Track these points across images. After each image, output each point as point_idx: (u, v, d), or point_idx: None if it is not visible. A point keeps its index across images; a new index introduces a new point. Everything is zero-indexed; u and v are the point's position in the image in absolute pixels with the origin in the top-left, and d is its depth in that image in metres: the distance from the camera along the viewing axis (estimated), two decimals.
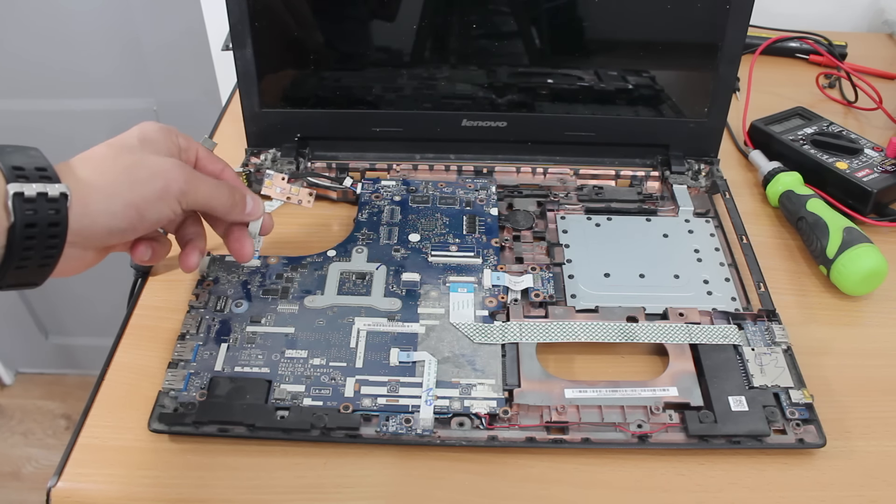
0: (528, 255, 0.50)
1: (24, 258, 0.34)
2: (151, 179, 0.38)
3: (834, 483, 0.39)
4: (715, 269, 0.50)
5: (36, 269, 0.35)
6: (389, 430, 0.39)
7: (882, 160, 0.57)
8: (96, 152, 0.39)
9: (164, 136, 0.41)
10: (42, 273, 0.35)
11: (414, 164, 0.57)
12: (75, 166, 0.37)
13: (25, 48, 1.01)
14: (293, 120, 0.57)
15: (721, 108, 0.56)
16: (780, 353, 0.43)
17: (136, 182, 0.38)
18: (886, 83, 0.75)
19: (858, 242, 0.49)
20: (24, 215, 0.33)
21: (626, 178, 0.57)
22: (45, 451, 1.34)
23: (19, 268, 0.34)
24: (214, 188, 0.42)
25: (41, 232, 0.34)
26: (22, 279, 0.35)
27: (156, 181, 0.38)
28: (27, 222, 0.33)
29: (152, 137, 0.40)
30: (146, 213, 0.38)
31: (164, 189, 0.39)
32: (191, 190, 0.40)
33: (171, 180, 0.39)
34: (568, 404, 0.41)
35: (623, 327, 0.45)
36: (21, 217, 0.33)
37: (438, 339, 0.44)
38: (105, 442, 0.40)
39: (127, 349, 0.45)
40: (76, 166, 0.37)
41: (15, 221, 0.33)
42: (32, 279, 0.36)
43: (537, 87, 0.56)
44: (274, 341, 0.43)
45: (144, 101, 1.06)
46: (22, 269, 0.34)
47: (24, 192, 0.33)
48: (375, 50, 0.55)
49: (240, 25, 0.52)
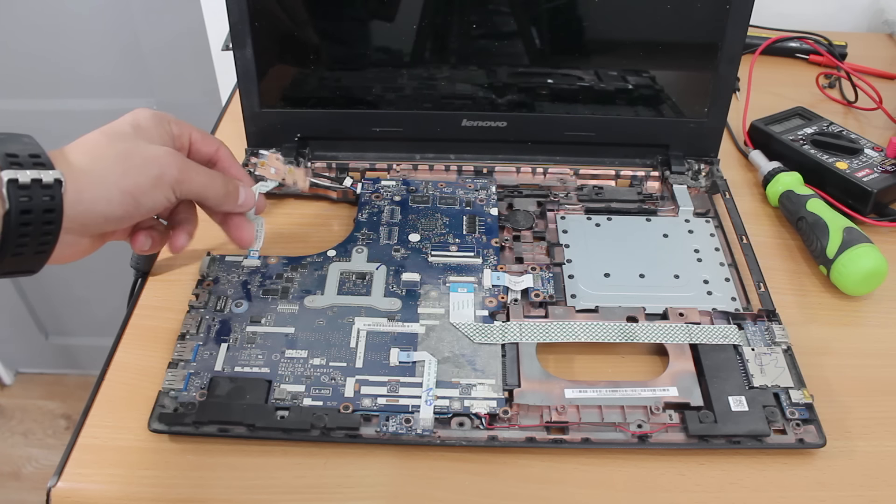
0: (528, 255, 0.50)
1: (20, 245, 0.34)
2: (145, 166, 0.38)
3: (834, 483, 0.39)
4: (715, 269, 0.50)
5: (32, 255, 0.35)
6: (389, 430, 0.39)
7: (882, 160, 0.57)
8: (89, 139, 0.39)
9: (156, 124, 0.41)
10: (39, 260, 0.36)
11: (414, 164, 0.57)
12: (69, 153, 0.37)
13: (25, 48, 1.01)
14: (293, 120, 0.57)
15: (721, 108, 0.56)
16: (780, 353, 0.43)
17: (130, 169, 0.38)
18: (886, 83, 0.75)
19: (858, 242, 0.49)
20: (18, 202, 0.33)
21: (626, 178, 0.57)
22: (45, 451, 1.34)
23: (16, 255, 0.34)
24: (208, 178, 0.42)
25: (37, 218, 0.34)
26: (19, 266, 0.35)
27: (150, 168, 0.38)
28: (22, 209, 0.33)
29: (145, 125, 0.41)
30: (142, 200, 0.38)
31: (158, 177, 0.39)
32: (185, 179, 0.40)
33: (165, 167, 0.39)
34: (568, 404, 0.41)
35: (623, 327, 0.45)
36: (16, 204, 0.33)
37: (438, 339, 0.44)
38: (105, 442, 0.40)
39: (127, 349, 0.45)
40: (70, 153, 0.37)
41: (10, 208, 0.33)
42: (29, 266, 0.36)
43: (537, 87, 0.56)
44: (274, 341, 0.43)
45: (144, 101, 1.06)
46: (18, 256, 0.35)
47: (18, 178, 0.33)
48: (375, 50, 0.55)
49: (240, 25, 0.52)
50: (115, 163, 0.38)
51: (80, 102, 1.06)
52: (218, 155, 0.45)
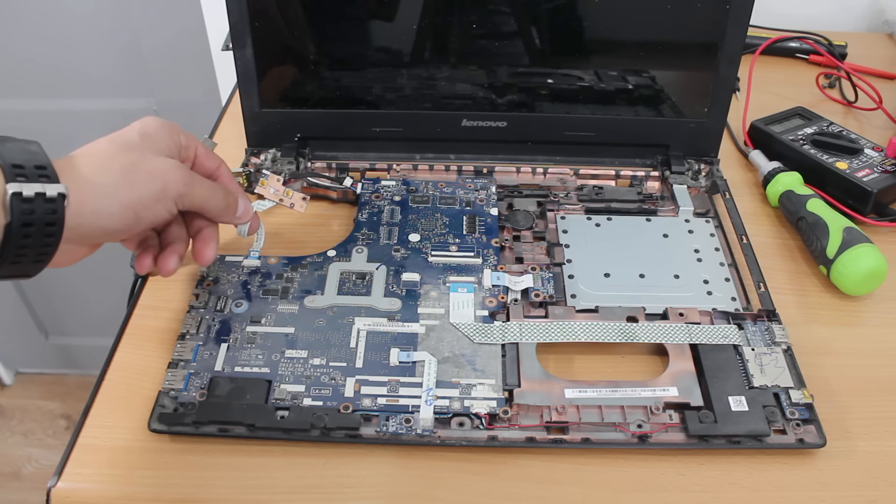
0: (528, 255, 0.50)
1: (19, 254, 0.34)
2: (150, 180, 0.38)
3: (834, 483, 0.39)
4: (715, 269, 0.50)
5: (30, 263, 0.35)
6: (389, 430, 0.39)
7: (882, 160, 0.57)
8: (97, 148, 0.39)
9: (165, 134, 0.41)
10: (36, 267, 0.36)
11: (414, 164, 0.57)
12: (76, 163, 0.37)
13: (25, 48, 1.01)
14: (293, 120, 0.57)
15: (721, 108, 0.56)
16: (780, 353, 0.43)
17: (134, 183, 0.38)
18: (886, 83, 0.75)
19: (858, 242, 0.49)
20: (21, 215, 0.33)
21: (626, 178, 0.57)
22: (45, 451, 1.34)
23: (14, 262, 0.35)
24: (211, 191, 0.42)
25: (38, 231, 0.34)
26: (16, 272, 0.36)
27: (154, 182, 0.38)
28: (24, 222, 0.33)
29: (154, 135, 0.41)
30: (143, 215, 0.38)
31: (162, 191, 0.39)
32: (188, 192, 0.40)
33: (169, 182, 0.39)
34: (568, 404, 0.41)
35: (623, 327, 0.45)
36: (18, 217, 0.33)
37: (438, 339, 0.44)
38: (105, 442, 0.40)
39: (127, 349, 0.45)
40: (76, 163, 0.37)
41: (12, 220, 0.33)
42: (26, 272, 0.36)
43: (537, 87, 0.56)
44: (274, 341, 0.43)
45: (144, 101, 1.06)
46: (17, 264, 0.35)
47: (22, 191, 0.33)
48: (375, 50, 0.55)
49: (240, 25, 0.52)
50: (120, 176, 0.37)
51: (80, 102, 1.06)
52: (219, 172, 0.45)
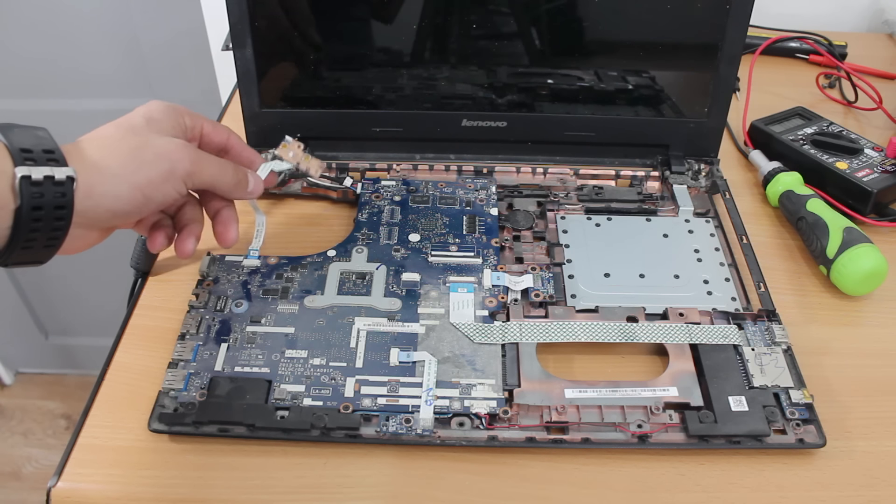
0: (528, 255, 0.50)
1: (29, 239, 0.35)
2: (157, 161, 0.39)
3: (834, 483, 0.39)
4: (715, 269, 0.50)
5: (41, 249, 0.36)
6: (389, 430, 0.39)
7: (882, 160, 0.57)
8: (103, 132, 0.39)
9: (169, 116, 0.42)
10: (47, 252, 0.36)
11: (414, 164, 0.57)
12: (83, 147, 0.37)
13: (25, 48, 1.01)
14: (293, 120, 0.57)
15: (721, 108, 0.56)
16: (780, 353, 0.43)
17: (142, 164, 0.38)
18: (886, 83, 0.75)
19: (858, 242, 0.49)
20: (30, 198, 0.34)
21: (626, 178, 0.57)
22: (45, 451, 1.34)
23: (25, 248, 0.35)
24: (219, 168, 0.43)
25: (47, 214, 0.34)
26: (28, 258, 0.36)
27: (161, 163, 0.39)
28: (34, 205, 0.34)
29: (158, 117, 0.41)
30: (151, 196, 0.39)
31: (169, 171, 0.39)
32: (196, 171, 0.41)
33: (176, 161, 0.39)
34: (568, 404, 0.41)
35: (623, 327, 0.45)
36: (28, 200, 0.34)
37: (438, 339, 0.44)
38: (105, 442, 0.40)
39: (127, 349, 0.45)
40: (84, 147, 0.37)
41: (22, 204, 0.34)
42: (38, 258, 0.36)
43: (537, 87, 0.56)
44: (274, 341, 0.43)
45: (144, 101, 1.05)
46: (28, 249, 0.35)
47: (31, 175, 0.34)
48: (375, 50, 0.55)
49: (240, 25, 0.52)
50: (127, 158, 0.38)
51: (80, 102, 1.06)
52: (229, 143, 0.46)
